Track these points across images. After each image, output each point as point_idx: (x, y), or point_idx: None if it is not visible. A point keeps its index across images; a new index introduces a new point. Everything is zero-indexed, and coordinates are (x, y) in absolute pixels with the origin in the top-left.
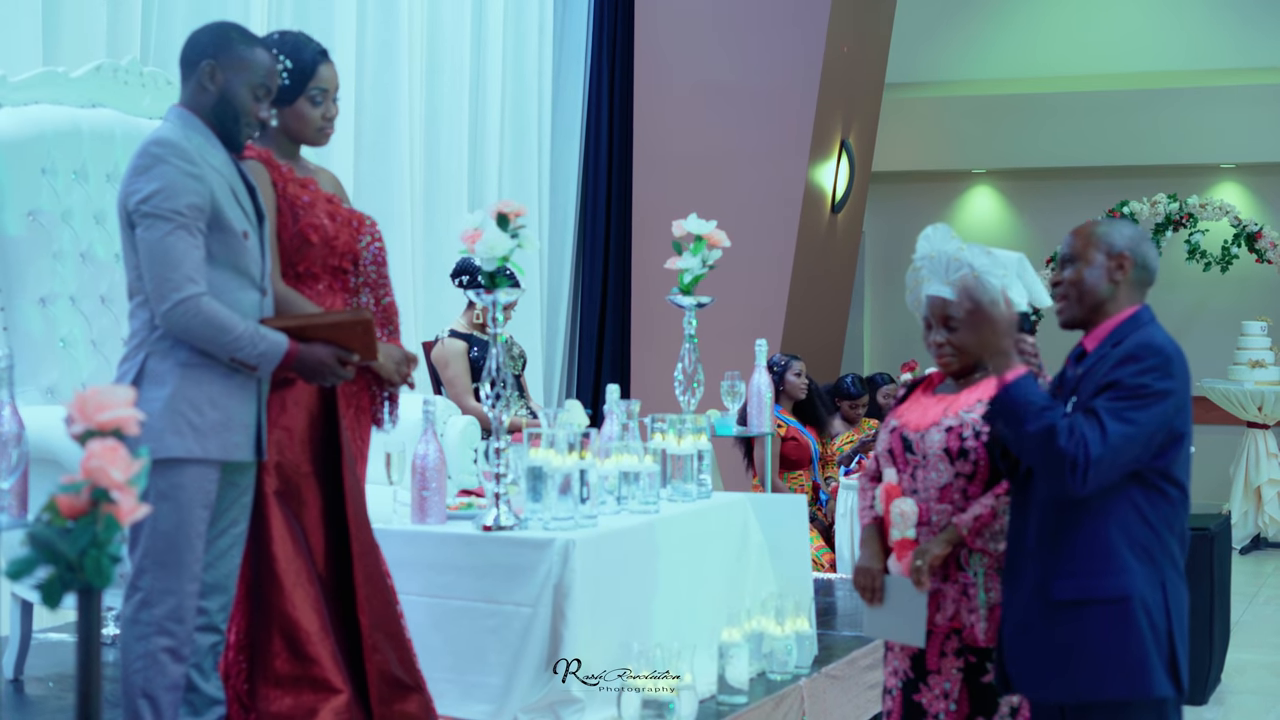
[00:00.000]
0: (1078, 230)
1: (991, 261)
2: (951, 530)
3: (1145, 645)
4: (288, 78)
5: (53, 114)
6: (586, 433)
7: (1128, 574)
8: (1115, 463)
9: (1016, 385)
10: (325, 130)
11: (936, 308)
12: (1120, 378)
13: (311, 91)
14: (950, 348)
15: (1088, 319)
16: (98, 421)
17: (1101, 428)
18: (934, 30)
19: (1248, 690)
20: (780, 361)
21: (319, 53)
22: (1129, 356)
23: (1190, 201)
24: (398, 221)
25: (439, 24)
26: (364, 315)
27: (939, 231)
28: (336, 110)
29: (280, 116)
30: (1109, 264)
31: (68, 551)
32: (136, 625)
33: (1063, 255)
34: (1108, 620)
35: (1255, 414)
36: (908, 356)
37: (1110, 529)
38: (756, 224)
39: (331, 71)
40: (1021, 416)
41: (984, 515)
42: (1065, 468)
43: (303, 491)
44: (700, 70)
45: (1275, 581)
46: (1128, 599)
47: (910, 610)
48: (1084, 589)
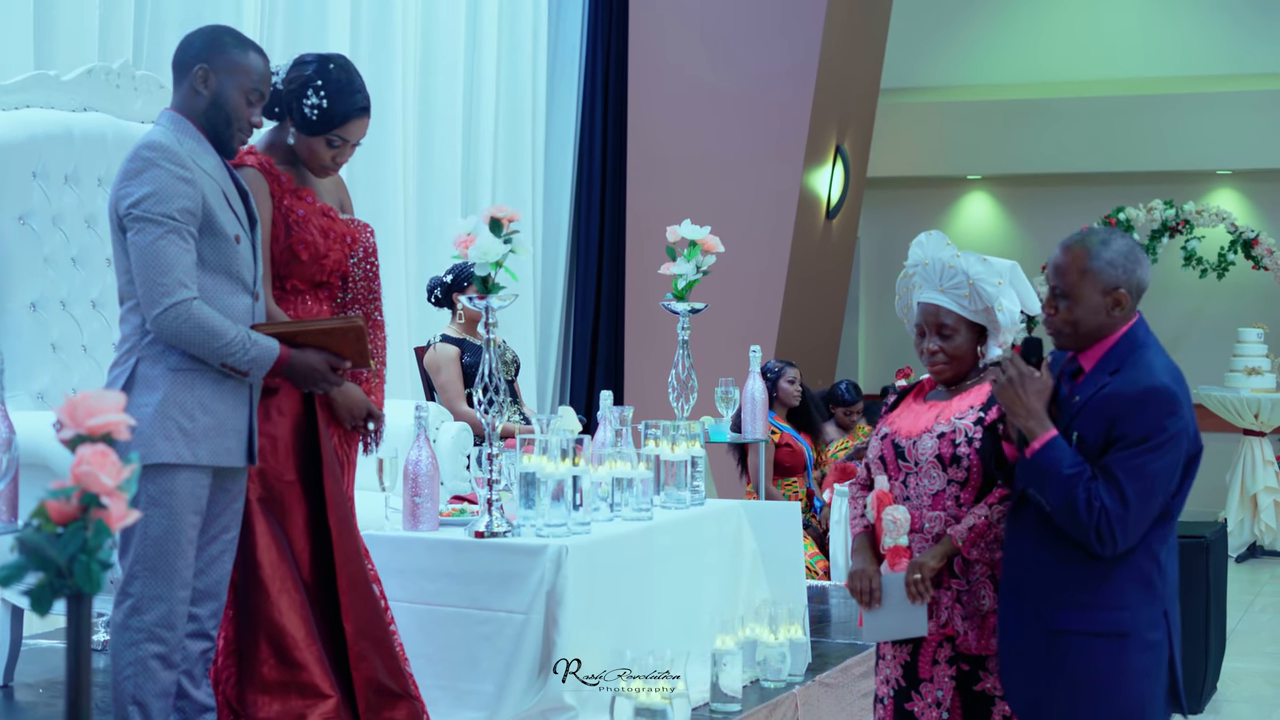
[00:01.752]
0: (1070, 256)
1: (986, 269)
2: (947, 542)
3: (1142, 680)
4: (315, 115)
5: (44, 117)
6: (580, 439)
7: (1129, 609)
8: (1140, 519)
9: (1044, 452)
10: (329, 169)
11: (930, 315)
12: (1128, 431)
13: (331, 136)
14: (943, 355)
15: (1085, 346)
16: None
17: (1120, 491)
18: (929, 35)
19: (1243, 699)
20: (774, 368)
21: (360, 109)
22: (1137, 403)
23: (1186, 208)
24: (391, 226)
25: (433, 27)
26: (356, 321)
27: (933, 239)
28: (349, 157)
29: (295, 137)
30: (1105, 302)
31: (57, 557)
32: (127, 631)
33: (1054, 286)
34: (1107, 654)
35: (1251, 421)
36: (902, 363)
37: (1115, 563)
38: (751, 229)
39: (362, 126)
40: (1046, 485)
41: (979, 525)
42: (1091, 538)
43: (286, 500)
44: (694, 75)
45: (1271, 590)
46: (1127, 634)
47: (910, 606)
48: (1085, 621)
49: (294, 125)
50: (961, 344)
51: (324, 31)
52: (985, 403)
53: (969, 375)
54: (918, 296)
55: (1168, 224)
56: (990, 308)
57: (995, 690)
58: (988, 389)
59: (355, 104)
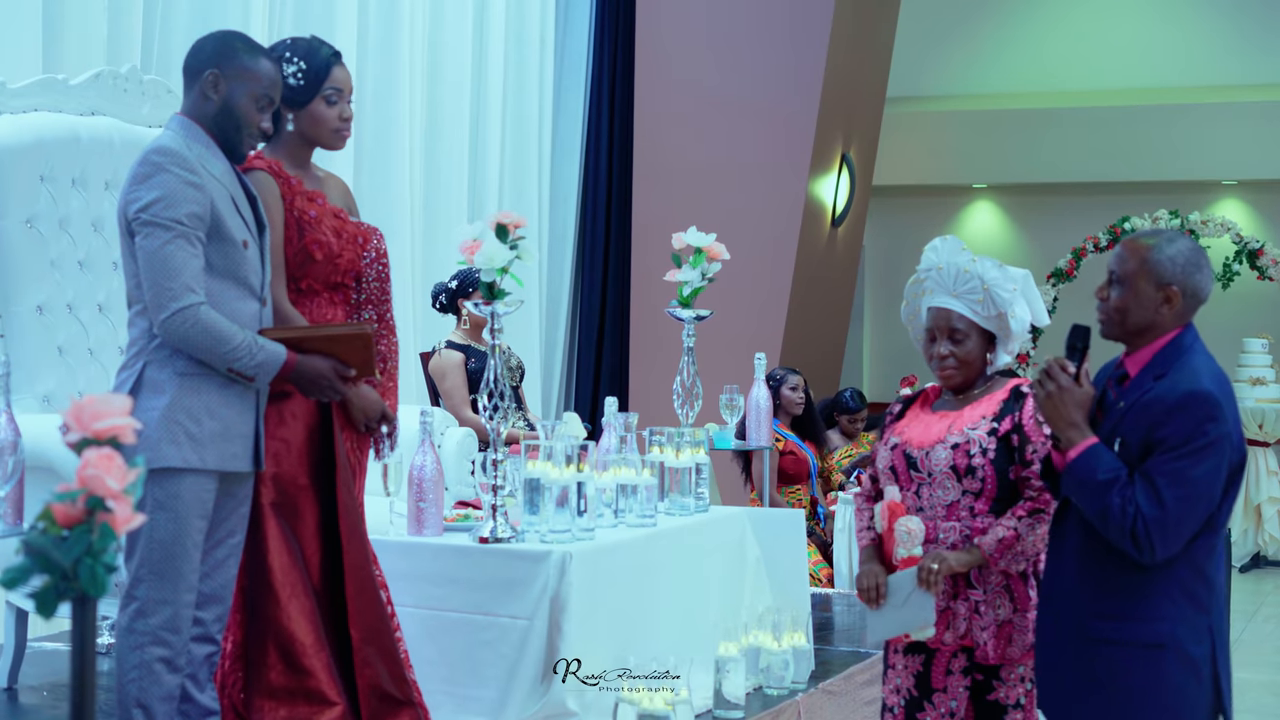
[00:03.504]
0: (1131, 247)
1: (1002, 275)
2: (976, 552)
3: (1178, 694)
4: (302, 79)
5: (52, 121)
6: (584, 445)
7: (1167, 621)
8: (1180, 526)
9: (1081, 459)
10: (342, 132)
11: (941, 319)
12: (1167, 436)
13: (326, 91)
14: (954, 360)
15: (1130, 339)
16: (94, 430)
17: (1157, 496)
18: (936, 44)
19: (1246, 710)
20: (777, 375)
21: (332, 54)
22: (1177, 407)
23: (1191, 218)
24: (397, 232)
25: (440, 34)
26: (364, 329)
27: (948, 244)
28: (351, 112)
29: (296, 121)
30: (1156, 296)
31: (62, 560)
32: (132, 635)
33: (1111, 269)
34: (1140, 662)
35: (1256, 432)
36: (907, 371)
37: (1154, 573)
38: (756, 237)
39: (345, 73)
40: (1083, 491)
41: (1008, 538)
42: (1128, 544)
43: (299, 504)
44: (701, 83)
45: (1275, 600)
46: (1164, 646)
47: (917, 601)
48: (1120, 631)
49: (289, 111)
50: (972, 349)
51: (331, 38)
52: (998, 413)
53: (976, 382)
54: (928, 302)
55: None
56: (1003, 313)
57: (1007, 700)
58: (999, 398)
59: (327, 53)
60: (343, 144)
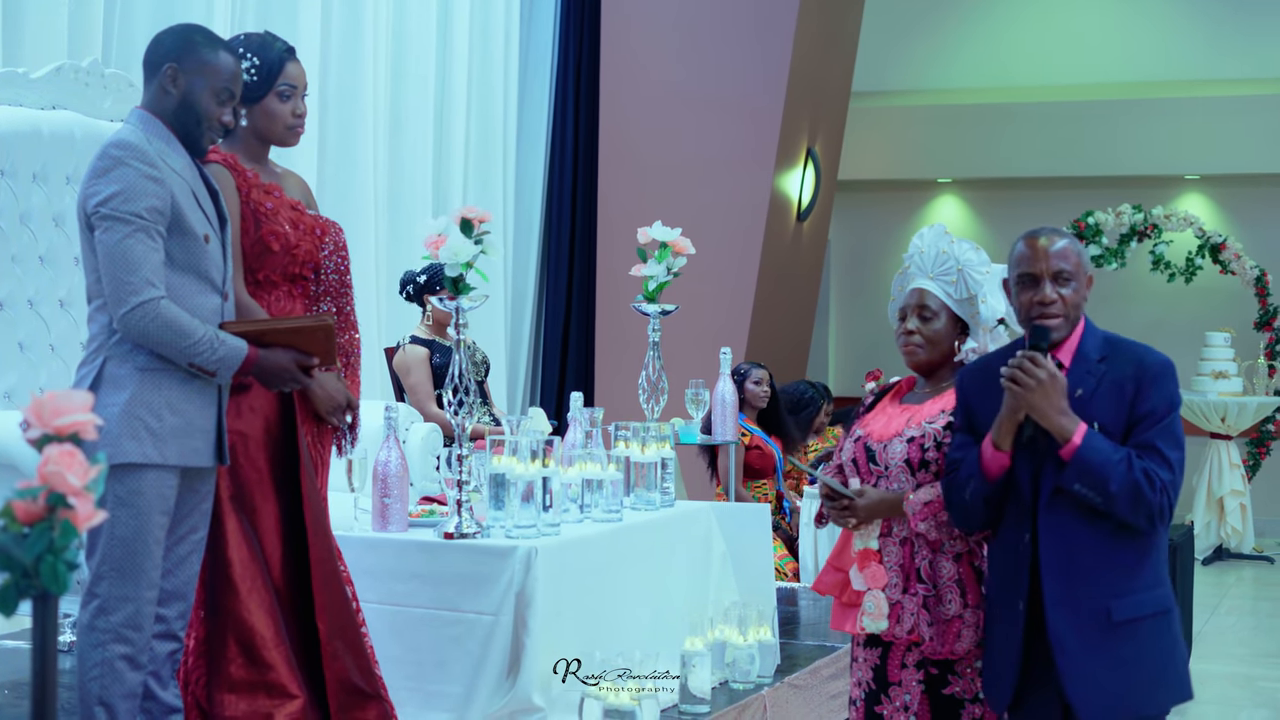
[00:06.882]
0: (1068, 243)
1: (977, 258)
2: (898, 503)
3: (1182, 654)
4: (255, 74)
5: (12, 115)
6: (550, 440)
7: (1163, 585)
8: (1179, 486)
9: (1087, 445)
10: (295, 129)
11: (913, 298)
12: (1155, 405)
13: (280, 87)
14: (919, 336)
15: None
16: (55, 426)
17: (1167, 461)
18: (900, 39)
19: (1209, 700)
20: (742, 370)
21: (286, 50)
22: (1156, 378)
23: (1155, 212)
24: (361, 226)
25: (404, 28)
26: (325, 320)
27: (934, 230)
28: (305, 109)
29: (249, 116)
30: (1086, 287)
31: (23, 557)
32: (93, 632)
33: (1055, 270)
34: (1156, 633)
35: (1218, 425)
36: (873, 365)
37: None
38: (722, 231)
39: (299, 69)
40: (1102, 476)
41: (934, 503)
42: (1154, 515)
43: (256, 498)
44: (666, 77)
45: (1237, 592)
46: (1168, 611)
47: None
48: (1138, 605)
49: (242, 107)
50: (940, 330)
51: (295, 32)
52: (956, 406)
53: (942, 368)
54: (907, 284)
55: (1136, 228)
56: (974, 296)
57: (965, 694)
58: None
59: (281, 48)
60: (296, 140)
